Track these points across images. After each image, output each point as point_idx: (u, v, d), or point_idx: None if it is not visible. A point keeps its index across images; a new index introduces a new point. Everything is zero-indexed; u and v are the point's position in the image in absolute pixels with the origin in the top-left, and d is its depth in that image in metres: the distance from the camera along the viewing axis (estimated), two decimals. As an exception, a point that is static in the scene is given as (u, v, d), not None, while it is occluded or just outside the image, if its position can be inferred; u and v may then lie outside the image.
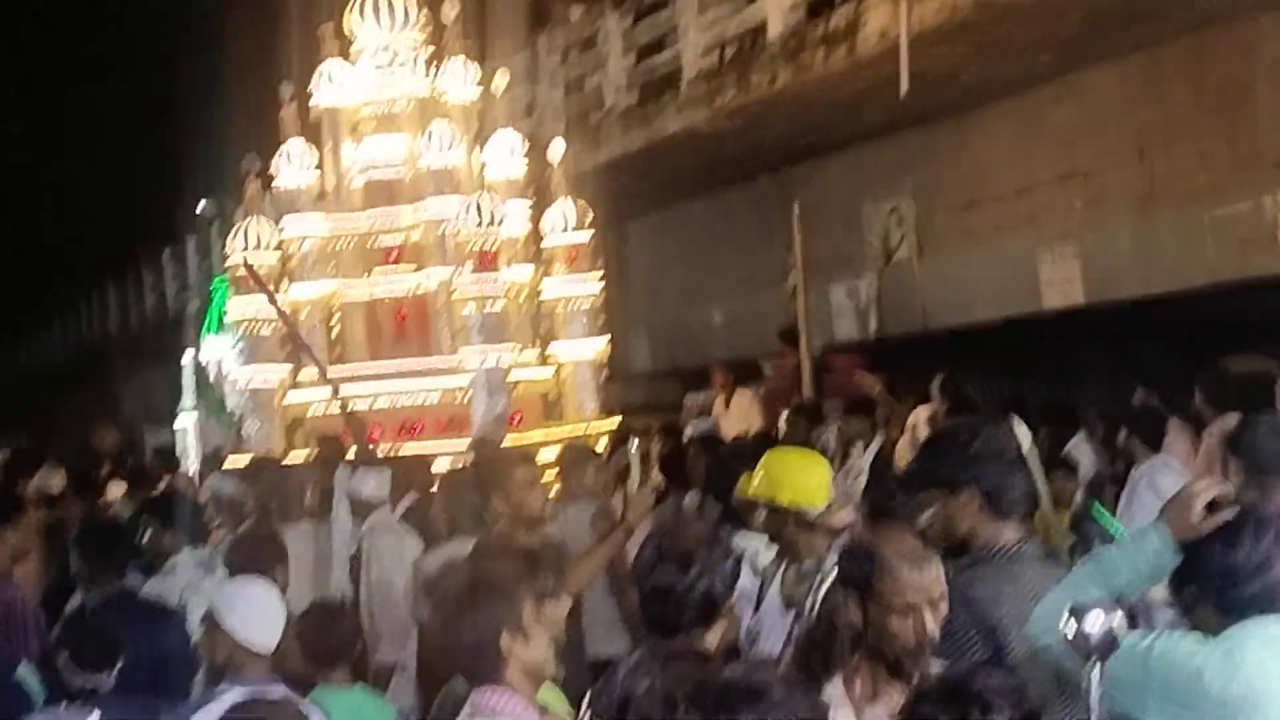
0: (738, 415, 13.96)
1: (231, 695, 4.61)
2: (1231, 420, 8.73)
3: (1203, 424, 8.00)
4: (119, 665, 5.29)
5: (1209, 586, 3.65)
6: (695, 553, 4.16)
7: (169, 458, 14.92)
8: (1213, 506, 3.73)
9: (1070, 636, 2.25)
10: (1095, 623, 2.24)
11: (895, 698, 3.70)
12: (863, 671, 3.84)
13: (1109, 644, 2.23)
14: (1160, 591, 4.68)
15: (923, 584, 3.77)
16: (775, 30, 12.83)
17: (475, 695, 3.90)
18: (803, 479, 5.37)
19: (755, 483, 5.49)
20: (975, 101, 13.21)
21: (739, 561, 4.45)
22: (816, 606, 5.18)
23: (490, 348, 10.48)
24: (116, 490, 12.46)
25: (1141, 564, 3.77)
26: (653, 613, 4.15)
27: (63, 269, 35.95)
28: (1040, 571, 4.17)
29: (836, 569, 4.78)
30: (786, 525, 5.36)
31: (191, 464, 14.60)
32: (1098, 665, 2.27)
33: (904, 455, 10.52)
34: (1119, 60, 12.05)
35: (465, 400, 10.52)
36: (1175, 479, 7.45)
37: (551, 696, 4.32)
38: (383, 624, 7.31)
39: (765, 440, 9.16)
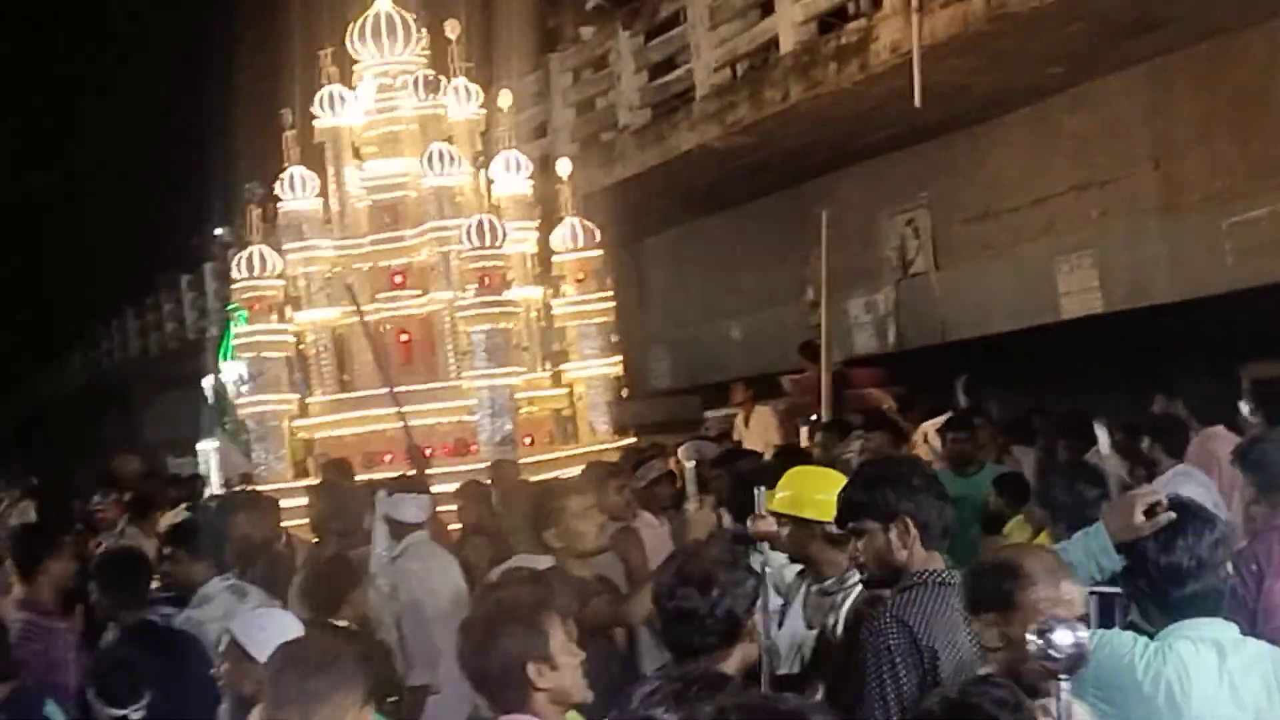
0: (758, 432, 13.95)
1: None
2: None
3: (1242, 434, 8.02)
4: (146, 699, 5.29)
5: (1151, 585, 3.93)
6: (715, 574, 4.16)
7: (189, 484, 14.93)
8: (1151, 512, 3.99)
9: (1036, 653, 2.24)
10: (1063, 639, 2.23)
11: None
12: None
13: (1077, 659, 2.23)
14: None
15: (1065, 599, 3.58)
16: (787, 46, 12.82)
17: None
18: (825, 495, 5.35)
19: (777, 499, 5.47)
20: (989, 113, 13.20)
21: (759, 582, 4.45)
22: (839, 624, 5.18)
23: (496, 370, 10.44)
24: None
25: (1088, 561, 4.08)
26: (675, 635, 4.14)
27: (83, 296, 36.08)
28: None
29: (860, 586, 4.86)
30: (809, 543, 5.33)
31: (213, 489, 14.62)
32: (1066, 681, 2.25)
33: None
34: (1132, 69, 12.04)
35: (471, 423, 10.49)
36: (1197, 487, 7.43)
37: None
38: (414, 646, 7.28)
39: (787, 457, 9.11)
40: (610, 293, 12.05)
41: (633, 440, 11.70)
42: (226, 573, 7.21)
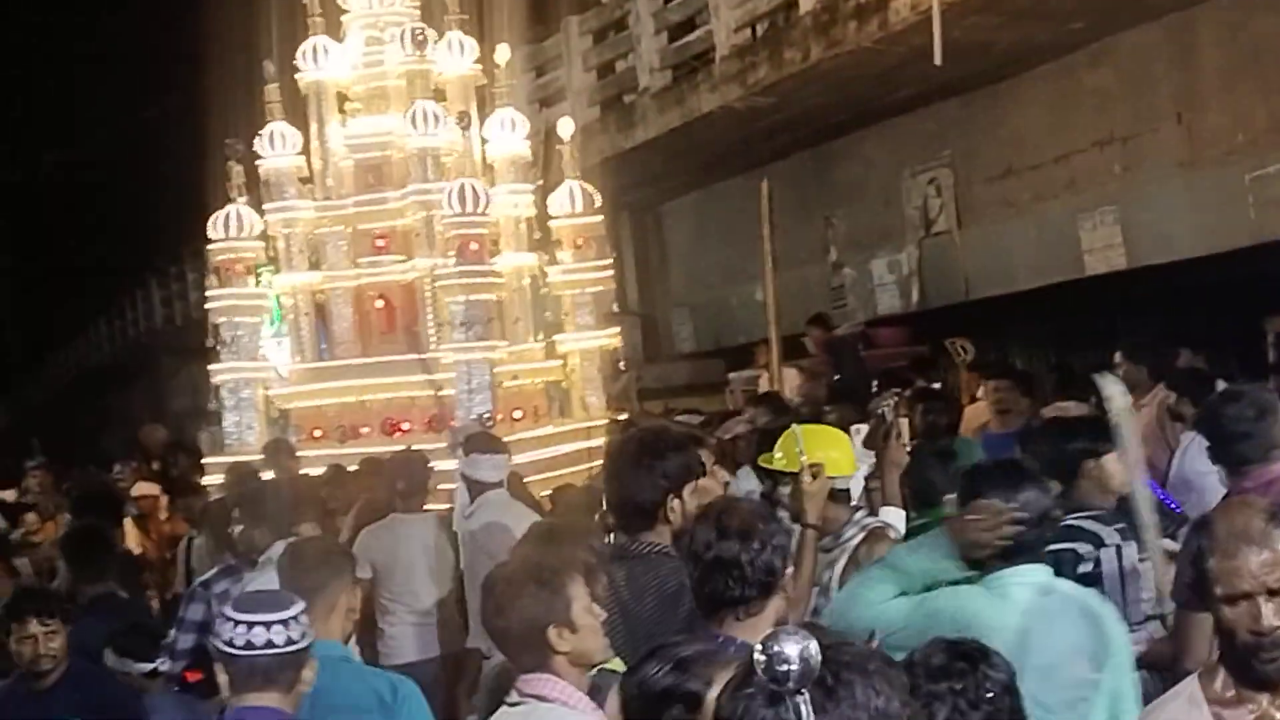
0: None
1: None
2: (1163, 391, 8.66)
3: None
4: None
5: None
6: (754, 525, 4.12)
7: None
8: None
9: (763, 670, 2.18)
10: (792, 652, 2.17)
11: (1264, 704, 3.31)
12: (1221, 670, 3.37)
13: (808, 673, 2.17)
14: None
15: (1257, 569, 3.25)
16: (807, 5, 12.77)
17: (521, 682, 3.89)
18: (826, 451, 5.36)
19: (778, 459, 5.48)
20: (1010, 69, 13.14)
21: (790, 536, 4.44)
22: (834, 580, 5.19)
23: (474, 344, 9.92)
24: (147, 489, 12.54)
25: (929, 564, 4.26)
26: (714, 586, 4.09)
27: (109, 266, 36.18)
28: None
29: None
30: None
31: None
32: (804, 695, 2.20)
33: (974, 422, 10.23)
34: (1153, 23, 11.97)
35: (450, 397, 9.99)
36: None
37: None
38: (473, 606, 7.06)
39: (816, 416, 9.05)
40: (609, 261, 11.50)
41: (625, 416, 11.03)
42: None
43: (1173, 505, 6.66)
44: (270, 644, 3.90)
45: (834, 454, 5.38)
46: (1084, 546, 5.27)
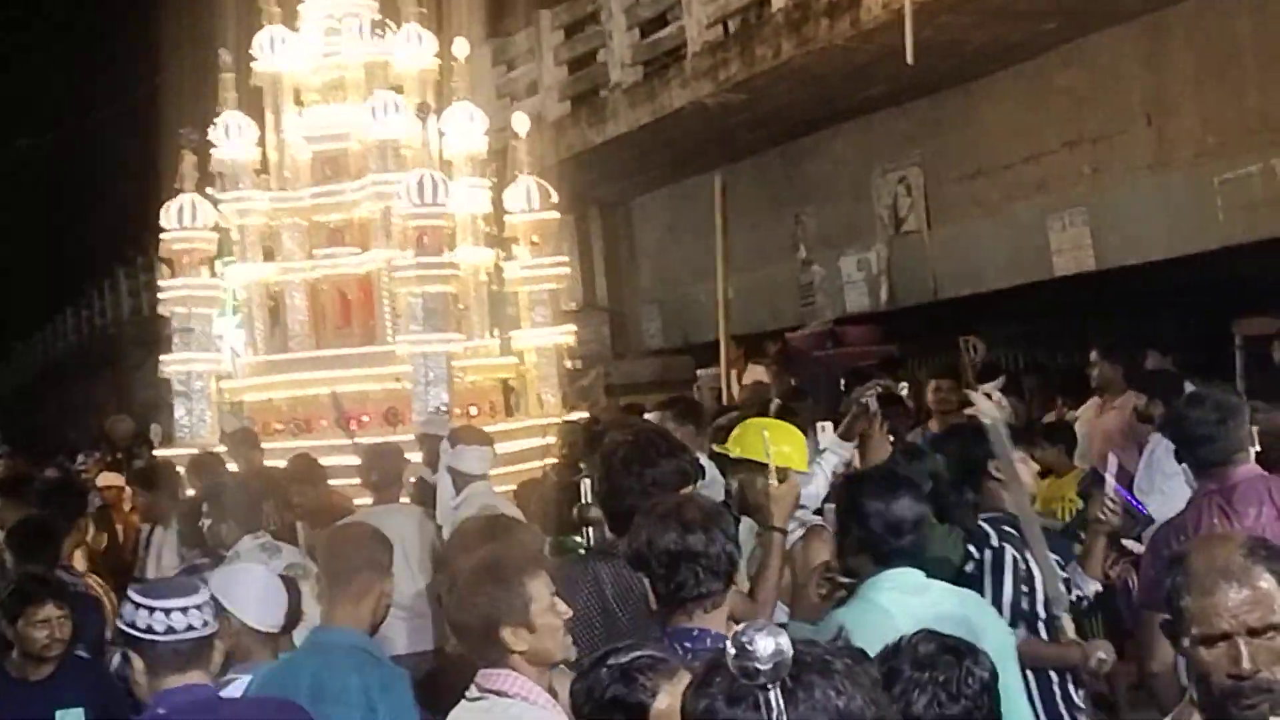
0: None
1: (242, 681, 4.62)
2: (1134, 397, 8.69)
3: None
4: None
5: (870, 537, 4.31)
6: (714, 518, 4.10)
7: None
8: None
9: (734, 662, 2.16)
10: (764, 646, 2.15)
11: None
12: (1195, 716, 3.12)
13: (780, 666, 2.15)
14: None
15: (1236, 608, 3.01)
16: (779, 2, 12.76)
17: (481, 676, 3.87)
18: (781, 446, 5.38)
19: (731, 448, 5.51)
20: (981, 69, 13.14)
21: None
22: None
23: (431, 336, 9.80)
24: (111, 480, 12.43)
25: None
26: (683, 580, 4.05)
27: (76, 257, 35.99)
28: None
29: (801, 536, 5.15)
30: (758, 493, 5.29)
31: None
32: (774, 688, 2.18)
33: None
34: (1125, 24, 11.99)
35: (405, 390, 9.88)
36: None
37: None
38: None
39: (782, 413, 9.03)
40: (565, 258, 11.38)
41: (584, 415, 11.05)
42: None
43: (1138, 506, 6.67)
44: (190, 628, 3.96)
45: (788, 449, 5.41)
46: (974, 547, 5.38)
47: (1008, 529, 5.41)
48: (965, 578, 5.09)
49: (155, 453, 11.09)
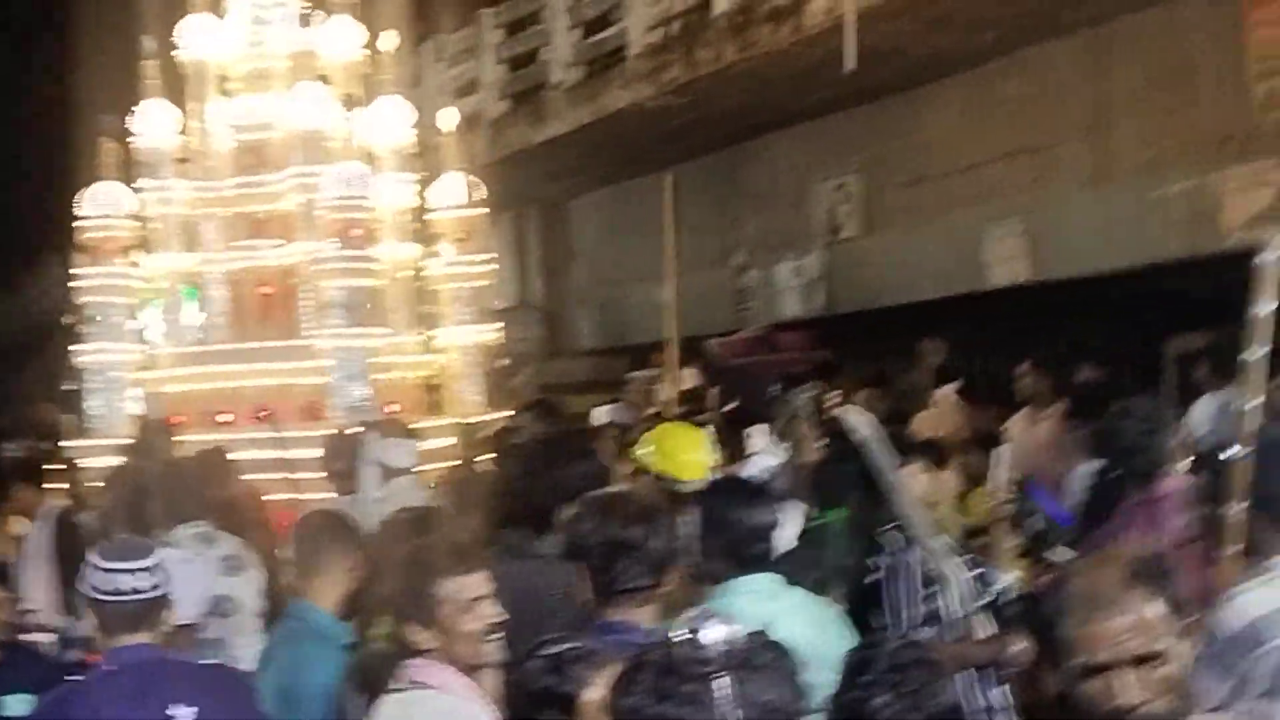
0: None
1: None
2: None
3: None
4: None
5: (730, 543, 4.40)
6: (653, 511, 4.18)
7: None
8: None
9: (683, 653, 2.13)
10: (714, 634, 2.13)
11: None
12: None
13: (730, 655, 2.13)
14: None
15: (1119, 635, 2.83)
16: (721, 6, 12.73)
17: (405, 667, 3.87)
18: (688, 455, 5.46)
19: (641, 454, 5.71)
20: (923, 77, 13.17)
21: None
22: None
23: (352, 331, 9.66)
24: None
25: None
26: (618, 572, 4.02)
27: (7, 244, 35.56)
28: None
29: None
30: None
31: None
32: (724, 677, 2.16)
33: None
34: (1068, 36, 12.03)
35: (324, 385, 9.69)
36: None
37: None
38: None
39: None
40: (492, 255, 11.20)
41: (508, 413, 10.60)
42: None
43: (1062, 517, 6.68)
44: (136, 590, 4.12)
45: (685, 457, 5.49)
46: (879, 555, 5.48)
47: (907, 535, 5.49)
48: (869, 585, 5.27)
49: (64, 444, 10.87)
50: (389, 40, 10.75)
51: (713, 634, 2.19)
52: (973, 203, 13.33)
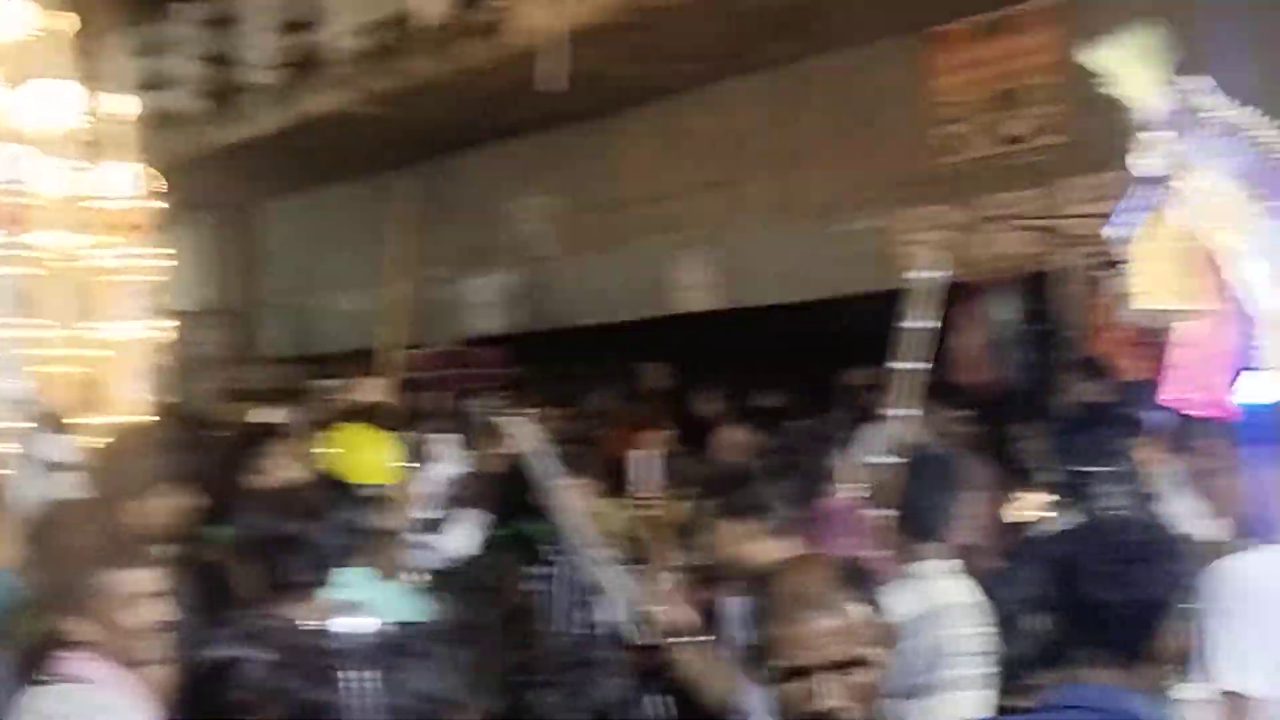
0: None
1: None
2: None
3: None
4: None
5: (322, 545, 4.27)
6: (320, 506, 4.19)
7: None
8: None
9: (323, 644, 2.19)
10: (350, 627, 2.21)
11: None
12: None
13: (369, 649, 2.20)
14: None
15: (820, 639, 2.75)
16: (425, 18, 12.70)
17: (58, 659, 3.74)
18: (361, 455, 5.51)
19: (318, 455, 5.79)
20: (620, 104, 13.36)
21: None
22: None
23: (8, 320, 9.21)
24: None
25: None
26: (281, 566, 4.03)
27: None
28: None
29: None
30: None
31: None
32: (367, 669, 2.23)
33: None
34: (759, 74, 12.37)
35: None
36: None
37: None
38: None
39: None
40: (170, 252, 10.80)
41: (167, 415, 10.31)
42: None
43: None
44: None
45: (363, 458, 5.54)
46: (536, 566, 5.74)
47: (570, 542, 5.63)
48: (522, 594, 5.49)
49: None
50: (66, 23, 10.34)
51: (349, 626, 2.18)
52: (665, 230, 13.57)
